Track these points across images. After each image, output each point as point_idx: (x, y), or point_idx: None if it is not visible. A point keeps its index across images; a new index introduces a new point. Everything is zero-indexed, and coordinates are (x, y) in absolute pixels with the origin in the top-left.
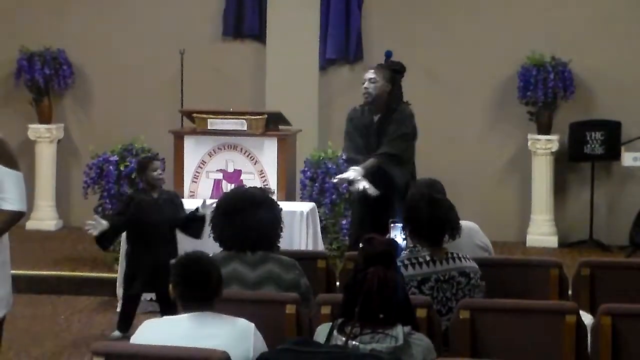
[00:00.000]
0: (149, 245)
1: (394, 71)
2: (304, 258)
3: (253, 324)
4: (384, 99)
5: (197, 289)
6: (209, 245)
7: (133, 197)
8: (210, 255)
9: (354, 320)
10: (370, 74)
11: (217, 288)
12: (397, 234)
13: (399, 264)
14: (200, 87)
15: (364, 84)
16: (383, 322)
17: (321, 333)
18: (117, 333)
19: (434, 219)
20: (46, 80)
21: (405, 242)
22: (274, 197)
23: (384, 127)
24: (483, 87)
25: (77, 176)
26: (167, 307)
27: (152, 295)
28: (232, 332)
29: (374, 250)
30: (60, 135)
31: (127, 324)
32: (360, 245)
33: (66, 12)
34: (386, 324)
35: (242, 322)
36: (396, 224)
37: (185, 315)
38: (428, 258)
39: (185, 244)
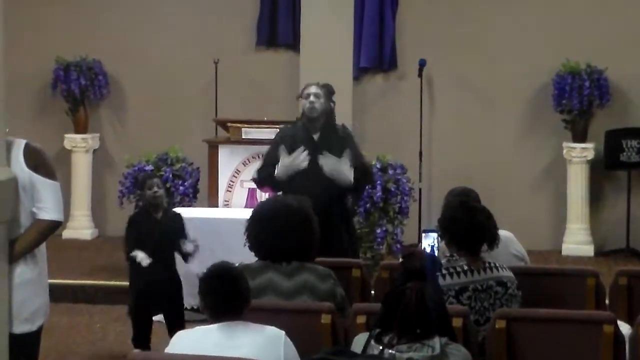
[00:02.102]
0: (151, 267)
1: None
2: (339, 267)
3: (283, 332)
4: (324, 117)
5: (228, 300)
6: (244, 254)
7: (132, 221)
8: (245, 264)
9: (392, 330)
10: (315, 89)
11: (247, 298)
12: (429, 243)
13: None
14: (235, 97)
15: (308, 97)
16: (421, 336)
17: (358, 342)
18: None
19: (473, 227)
20: (82, 90)
21: (437, 251)
22: (309, 206)
23: (327, 144)
24: (518, 95)
25: (113, 185)
26: (175, 326)
27: (188, 305)
28: (262, 340)
29: (413, 265)
30: (96, 145)
31: (145, 338)
32: (400, 259)
33: (102, 23)
34: (424, 337)
35: (272, 330)
36: (428, 233)
37: (215, 325)
38: (466, 267)
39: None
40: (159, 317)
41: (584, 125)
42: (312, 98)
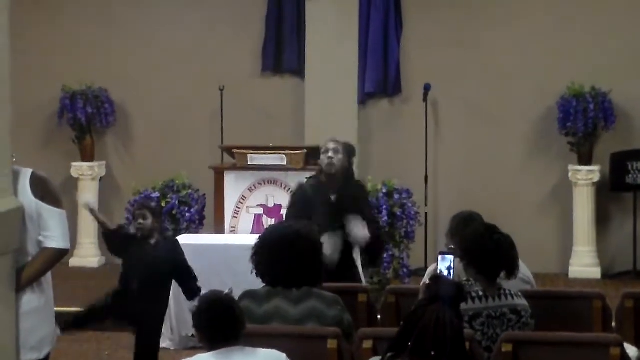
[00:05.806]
0: (137, 292)
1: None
2: (345, 292)
3: (284, 354)
4: (341, 174)
5: (227, 328)
6: (251, 280)
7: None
8: (251, 290)
9: (405, 355)
10: (333, 145)
11: (243, 321)
12: (446, 266)
13: None
14: (240, 123)
15: (326, 152)
16: None
17: None
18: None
19: (496, 255)
20: (88, 118)
21: (452, 274)
22: (316, 231)
23: (344, 203)
24: (523, 119)
25: (120, 213)
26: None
27: (192, 331)
28: None
29: (438, 289)
30: (103, 173)
31: (77, 323)
32: (428, 281)
33: (108, 51)
34: None
35: (273, 353)
36: (445, 255)
37: (211, 352)
38: (481, 293)
39: None
40: (166, 344)
41: (589, 147)
42: (330, 153)
